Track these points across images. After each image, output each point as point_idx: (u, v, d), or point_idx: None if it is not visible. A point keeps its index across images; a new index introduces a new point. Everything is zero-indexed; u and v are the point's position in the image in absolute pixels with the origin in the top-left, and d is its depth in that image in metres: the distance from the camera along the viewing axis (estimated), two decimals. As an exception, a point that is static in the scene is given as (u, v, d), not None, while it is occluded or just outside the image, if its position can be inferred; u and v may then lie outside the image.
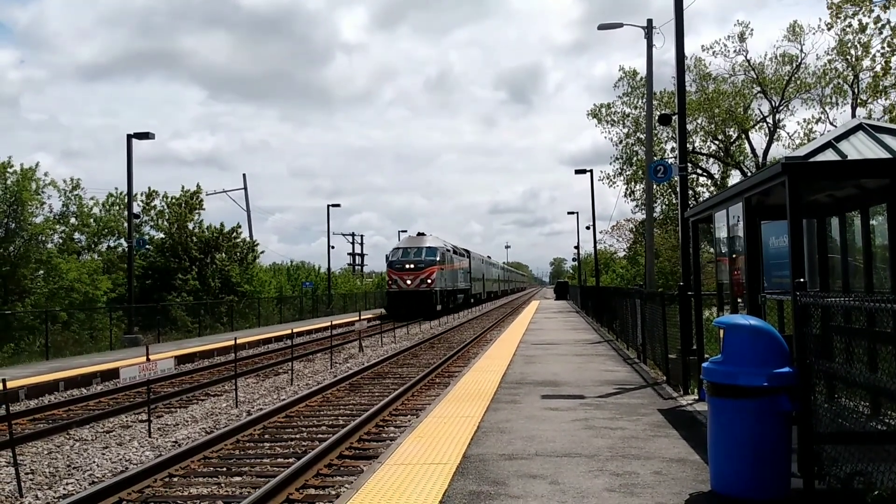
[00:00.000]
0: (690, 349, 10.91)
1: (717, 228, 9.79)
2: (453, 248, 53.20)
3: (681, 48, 13.20)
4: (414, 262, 44.28)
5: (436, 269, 44.18)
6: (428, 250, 45.33)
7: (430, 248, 45.63)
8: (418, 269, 43.82)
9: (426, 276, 43.60)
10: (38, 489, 8.34)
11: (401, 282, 43.82)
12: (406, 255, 45.30)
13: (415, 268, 43.91)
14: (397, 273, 44.44)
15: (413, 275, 43.71)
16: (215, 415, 12.83)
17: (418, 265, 44.04)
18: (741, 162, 36.27)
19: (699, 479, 6.24)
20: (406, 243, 47.65)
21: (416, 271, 43.81)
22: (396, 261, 45.10)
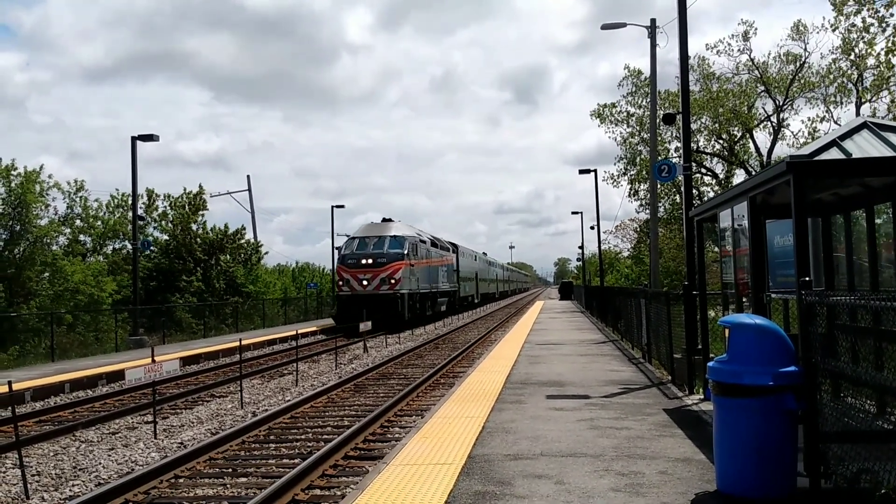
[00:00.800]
0: (695, 348, 10.89)
1: (721, 228, 9.78)
2: (432, 240, 42.93)
3: (684, 47, 13.19)
4: (373, 255, 33.71)
5: (402, 265, 33.66)
6: (392, 241, 34.69)
7: (395, 238, 34.88)
8: (378, 265, 33.30)
9: (388, 274, 33.12)
10: (44, 491, 8.36)
11: (354, 282, 33.22)
12: (363, 248, 34.58)
13: (373, 263, 33.31)
14: (350, 271, 33.58)
15: (371, 273, 33.17)
16: (221, 416, 12.84)
17: (378, 260, 33.51)
18: (746, 161, 36.19)
19: (705, 478, 6.23)
20: (364, 232, 36.33)
21: (374, 268, 33.27)
22: (350, 255, 34.38)
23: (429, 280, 39.56)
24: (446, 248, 47.65)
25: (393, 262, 33.52)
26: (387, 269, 33.33)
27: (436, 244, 43.52)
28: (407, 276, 34.12)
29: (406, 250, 34.61)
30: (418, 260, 36.89)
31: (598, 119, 38.00)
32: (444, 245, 47.56)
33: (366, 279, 33.19)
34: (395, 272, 33.30)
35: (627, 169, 37.86)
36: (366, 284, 33.12)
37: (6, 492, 8.29)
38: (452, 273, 48.44)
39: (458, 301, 50.80)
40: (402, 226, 38.09)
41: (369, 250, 34.31)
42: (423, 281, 37.77)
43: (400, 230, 36.34)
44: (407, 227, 38.22)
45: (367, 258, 33.71)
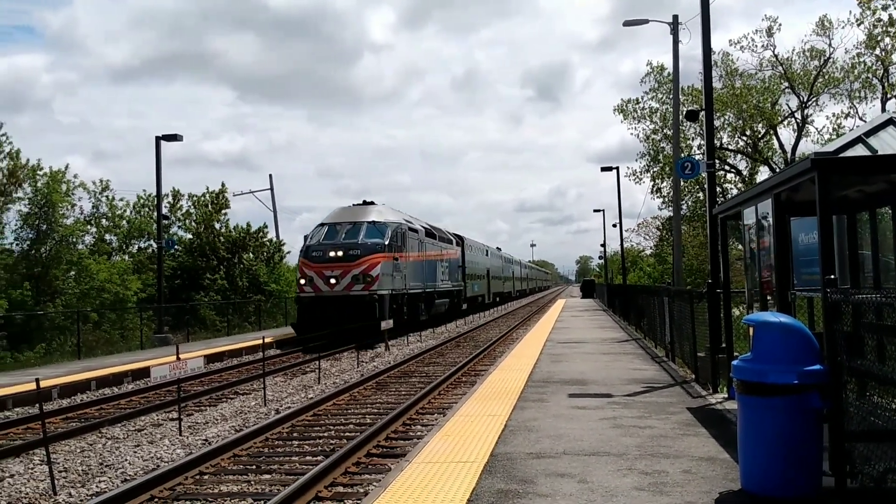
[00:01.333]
0: (719, 347, 10.83)
1: (745, 225, 9.70)
2: (428, 230, 35.56)
3: (707, 44, 13.09)
4: (344, 247, 26.60)
5: (382, 258, 26.65)
6: (370, 228, 27.64)
7: (373, 225, 27.84)
8: (350, 258, 26.21)
9: (363, 270, 26.02)
10: (71, 487, 8.47)
11: (319, 281, 26.12)
12: (332, 237, 27.53)
13: (344, 257, 26.24)
14: (314, 266, 26.41)
15: (340, 268, 26.05)
16: (244, 413, 12.94)
17: (351, 252, 26.39)
18: (769, 158, 35.85)
19: (729, 477, 6.19)
20: (334, 217, 29.23)
21: (345, 262, 26.14)
22: (315, 246, 27.23)
23: (422, 277, 32.48)
24: (448, 241, 40.21)
25: (369, 254, 26.32)
26: (361, 263, 26.02)
27: (433, 235, 35.92)
28: (388, 273, 27.02)
29: (388, 240, 27.41)
30: (406, 252, 29.69)
31: (620, 115, 37.79)
32: (446, 236, 40.05)
33: (334, 277, 25.85)
34: (372, 267, 26.08)
35: (650, 166, 37.62)
36: (333, 283, 25.78)
37: (34, 487, 8.41)
38: (457, 270, 41.75)
39: (465, 302, 44.51)
40: (386, 210, 30.62)
41: (339, 240, 27.02)
42: (413, 278, 30.61)
43: (382, 215, 29.07)
44: (392, 212, 30.89)
45: (337, 250, 26.38)
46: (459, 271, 42.77)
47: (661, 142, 36.57)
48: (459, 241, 44.41)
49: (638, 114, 37.32)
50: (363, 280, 25.90)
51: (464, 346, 24.98)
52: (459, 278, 42.53)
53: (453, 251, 41.21)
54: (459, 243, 43.99)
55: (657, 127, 36.75)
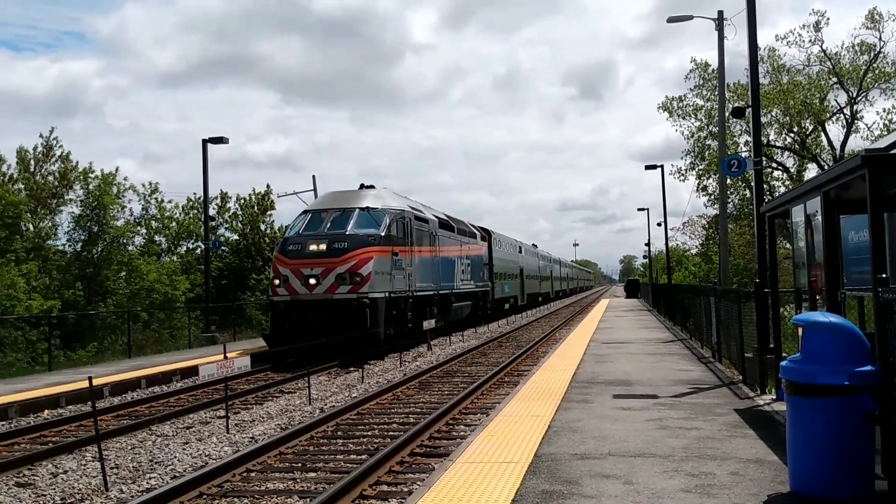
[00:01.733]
0: (767, 347, 10.66)
1: (793, 223, 9.53)
2: (443, 221, 30.26)
3: (753, 39, 12.89)
4: (328, 239, 21.35)
5: (376, 252, 21.30)
6: (362, 216, 22.20)
7: (367, 213, 22.37)
8: (335, 252, 20.97)
9: (349, 267, 20.73)
10: (122, 483, 8.66)
11: (295, 280, 20.97)
12: (314, 226, 22.23)
13: (327, 251, 21.04)
14: (291, 263, 21.23)
15: (323, 265, 20.86)
16: (290, 411, 13.10)
17: (336, 246, 21.15)
18: (818, 155, 35.18)
19: (777, 479, 6.10)
20: (322, 203, 24.24)
21: (328, 258, 20.92)
22: (293, 238, 22.19)
23: (434, 277, 27.01)
24: (471, 235, 34.84)
25: (359, 248, 20.99)
26: (348, 259, 20.72)
27: (450, 227, 30.83)
28: (385, 271, 21.70)
29: (384, 230, 22.01)
30: (412, 247, 24.30)
31: (665, 112, 37.42)
32: (467, 229, 34.65)
33: (313, 276, 20.71)
34: (362, 264, 20.73)
35: (695, 163, 37.18)
36: (313, 284, 20.67)
37: (87, 483, 8.62)
38: (482, 268, 36.33)
39: (492, 305, 38.70)
40: (387, 194, 25.14)
41: (323, 230, 21.76)
42: (421, 278, 25.30)
43: (379, 200, 23.62)
44: (394, 197, 25.36)
45: (318, 242, 21.22)
46: (485, 270, 37.37)
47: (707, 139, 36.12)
48: (486, 235, 39.05)
49: (682, 111, 36.90)
50: (350, 280, 20.51)
51: (506, 346, 24.93)
52: (485, 278, 37.10)
53: (477, 247, 35.88)
54: (486, 238, 38.68)
55: (702, 124, 36.31)
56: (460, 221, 34.48)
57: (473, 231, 35.99)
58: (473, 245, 34.89)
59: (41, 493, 8.26)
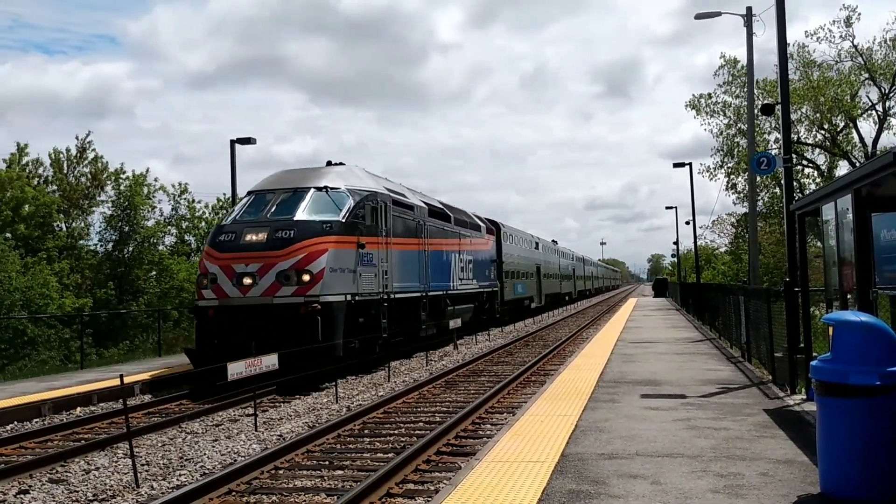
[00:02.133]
0: (798, 347, 10.53)
1: (824, 221, 9.42)
2: (434, 208, 25.12)
3: (783, 35, 12.74)
4: (269, 226, 16.75)
5: (330, 244, 16.64)
6: (318, 199, 17.59)
7: (323, 194, 17.74)
8: (276, 244, 16.33)
9: (295, 263, 16.14)
10: (153, 480, 8.77)
11: (225, 279, 16.35)
12: (257, 210, 17.82)
13: (266, 242, 16.39)
14: (221, 258, 16.64)
15: (260, 260, 16.25)
16: (317, 410, 13.18)
17: (279, 235, 16.47)
18: (849, 152, 34.68)
19: (808, 480, 6.03)
20: (270, 182, 19.09)
21: (268, 251, 16.27)
22: (228, 225, 17.73)
23: (421, 275, 22.31)
24: (474, 227, 30.47)
25: (310, 237, 16.29)
26: (293, 252, 16.02)
27: (444, 216, 26.09)
28: (345, 268, 16.84)
29: (346, 216, 17.19)
30: (388, 237, 19.34)
31: (693, 110, 37.11)
32: (469, 220, 30.13)
33: (249, 274, 16.02)
34: (312, 258, 16.04)
35: (724, 161, 36.84)
36: (248, 285, 16.00)
37: (118, 480, 8.74)
38: (488, 265, 32.25)
39: (501, 308, 34.65)
40: (356, 173, 19.75)
41: (266, 215, 17.13)
42: (402, 276, 20.48)
43: (342, 179, 18.43)
44: (365, 177, 19.91)
45: (257, 231, 16.51)
46: (492, 268, 33.17)
47: (736, 137, 35.78)
48: (494, 228, 34.82)
49: (711, 109, 36.58)
50: (296, 279, 15.74)
51: (533, 345, 24.88)
52: (493, 277, 33.02)
53: (482, 241, 31.57)
54: (493, 231, 34.32)
55: (731, 122, 35.98)
56: (460, 211, 29.88)
57: (477, 223, 31.61)
58: (477, 239, 30.76)
59: (73, 490, 8.39)
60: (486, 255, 32.05)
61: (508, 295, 36.38)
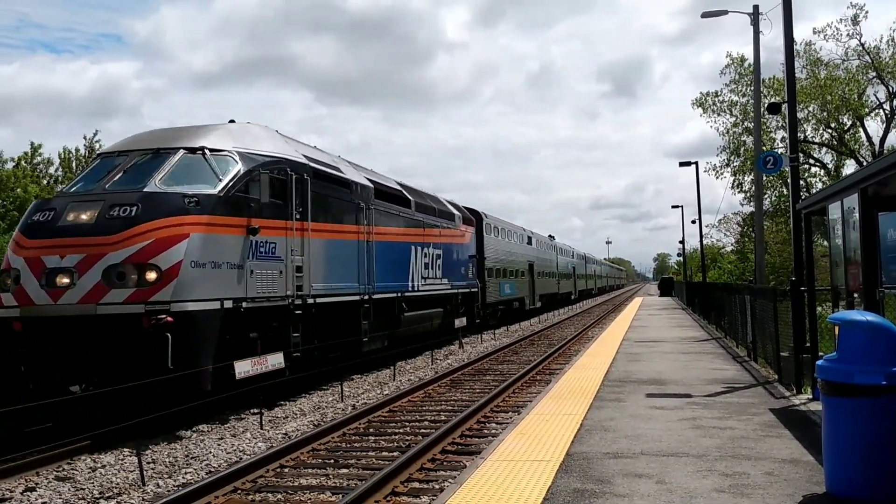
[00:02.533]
0: (804, 346, 10.51)
1: (830, 221, 9.39)
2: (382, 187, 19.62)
3: (789, 33, 12.70)
4: (102, 200, 11.21)
5: (194, 226, 11.23)
6: (186, 164, 12.15)
7: (197, 157, 12.29)
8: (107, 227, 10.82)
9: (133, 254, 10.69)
10: (158, 477, 8.79)
11: (30, 278, 10.95)
12: (94, 179, 12.30)
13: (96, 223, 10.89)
14: (30, 247, 11.13)
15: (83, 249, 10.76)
16: (322, 408, 13.20)
17: (114, 213, 10.94)
18: (856, 151, 34.57)
19: (813, 480, 6.02)
20: (126, 143, 13.33)
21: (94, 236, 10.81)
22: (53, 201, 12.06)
23: (362, 273, 17.36)
24: (446, 215, 25.40)
25: (161, 217, 11.23)
26: (133, 237, 10.95)
27: (400, 199, 20.93)
28: (223, 262, 11.89)
29: (228, 188, 12.29)
30: (305, 221, 14.37)
31: (699, 108, 37.01)
32: (438, 208, 24.84)
33: (64, 270, 10.95)
34: (162, 247, 10.99)
35: (731, 160, 36.74)
36: (64, 286, 10.92)
37: (124, 478, 8.76)
38: (466, 262, 27.47)
39: (485, 310, 30.19)
40: (255, 132, 14.38)
41: (105, 185, 12.00)
42: (328, 274, 15.47)
43: (230, 139, 13.27)
44: (267, 138, 14.51)
45: (86, 207, 11.40)
46: (471, 264, 28.23)
47: (742, 135, 35.69)
48: (473, 218, 29.66)
49: (717, 107, 36.48)
50: (135, 277, 10.87)
51: (538, 344, 24.86)
52: (471, 275, 28.00)
53: (456, 232, 26.42)
54: (472, 222, 29.22)
55: (737, 120, 35.88)
56: (426, 195, 24.56)
57: (450, 211, 26.25)
58: (450, 230, 25.49)
59: (80, 487, 8.42)
60: (462, 250, 26.90)
61: (492, 296, 31.71)
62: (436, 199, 25.65)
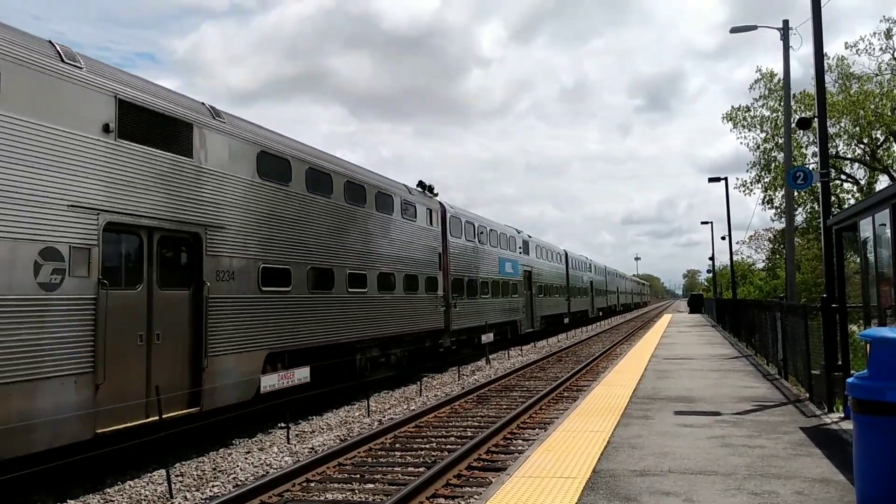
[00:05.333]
0: (835, 364, 10.35)
1: (862, 237, 9.26)
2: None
3: (819, 47, 12.60)
4: None
5: None
6: None
7: None
8: None
9: None
10: (186, 490, 8.86)
11: None
12: None
13: None
14: None
15: None
16: (349, 423, 13.22)
17: None
18: (889, 166, 34.07)
19: (844, 500, 5.91)
20: None
21: None
22: None
23: None
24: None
25: None
26: None
27: None
28: None
29: None
30: None
31: (730, 123, 36.76)
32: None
33: None
34: None
35: (761, 176, 36.41)
36: None
37: (152, 491, 8.84)
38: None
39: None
40: None
41: None
42: None
43: None
44: None
45: None
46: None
47: (773, 151, 35.37)
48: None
49: (748, 122, 36.22)
50: None
51: (566, 360, 24.72)
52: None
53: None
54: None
55: (768, 136, 35.57)
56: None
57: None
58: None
59: (109, 499, 8.51)
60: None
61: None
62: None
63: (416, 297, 19.81)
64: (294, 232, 13.84)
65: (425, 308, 20.54)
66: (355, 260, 16.30)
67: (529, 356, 26.20)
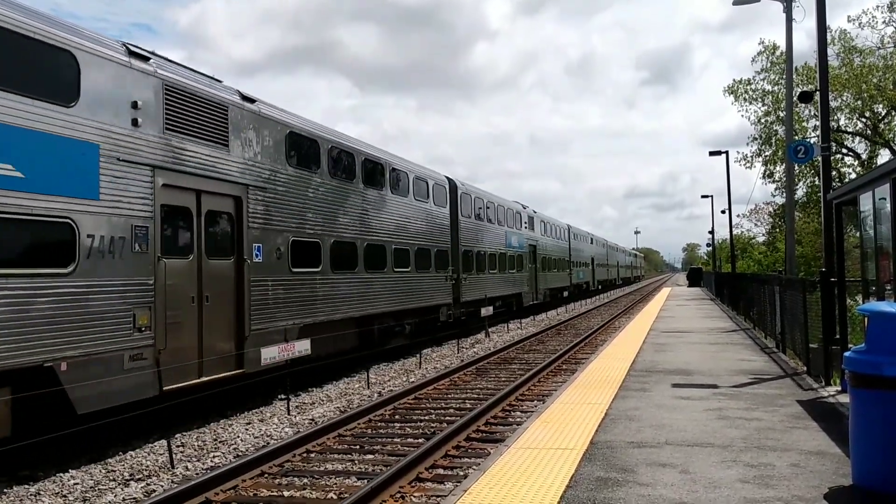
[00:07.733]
0: (833, 338, 10.39)
1: (862, 211, 9.26)
2: None
3: (822, 19, 12.51)
4: None
5: None
6: None
7: None
8: None
9: None
10: (187, 461, 8.93)
11: None
12: None
13: None
14: None
15: None
16: (349, 395, 13.30)
17: None
18: (891, 140, 33.96)
19: (840, 472, 5.97)
20: None
21: None
22: None
23: None
24: None
25: None
26: None
27: None
28: None
29: None
30: None
31: (731, 95, 36.54)
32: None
33: None
34: None
35: (762, 150, 36.28)
36: None
37: (153, 461, 8.92)
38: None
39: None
40: None
41: None
42: None
43: None
44: None
45: None
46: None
47: (774, 124, 35.21)
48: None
49: (749, 95, 36.01)
50: None
51: (564, 334, 24.82)
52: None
53: None
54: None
55: (769, 109, 35.39)
56: None
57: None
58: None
59: (111, 469, 8.58)
60: None
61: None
62: None
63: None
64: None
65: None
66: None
67: (529, 329, 26.30)
